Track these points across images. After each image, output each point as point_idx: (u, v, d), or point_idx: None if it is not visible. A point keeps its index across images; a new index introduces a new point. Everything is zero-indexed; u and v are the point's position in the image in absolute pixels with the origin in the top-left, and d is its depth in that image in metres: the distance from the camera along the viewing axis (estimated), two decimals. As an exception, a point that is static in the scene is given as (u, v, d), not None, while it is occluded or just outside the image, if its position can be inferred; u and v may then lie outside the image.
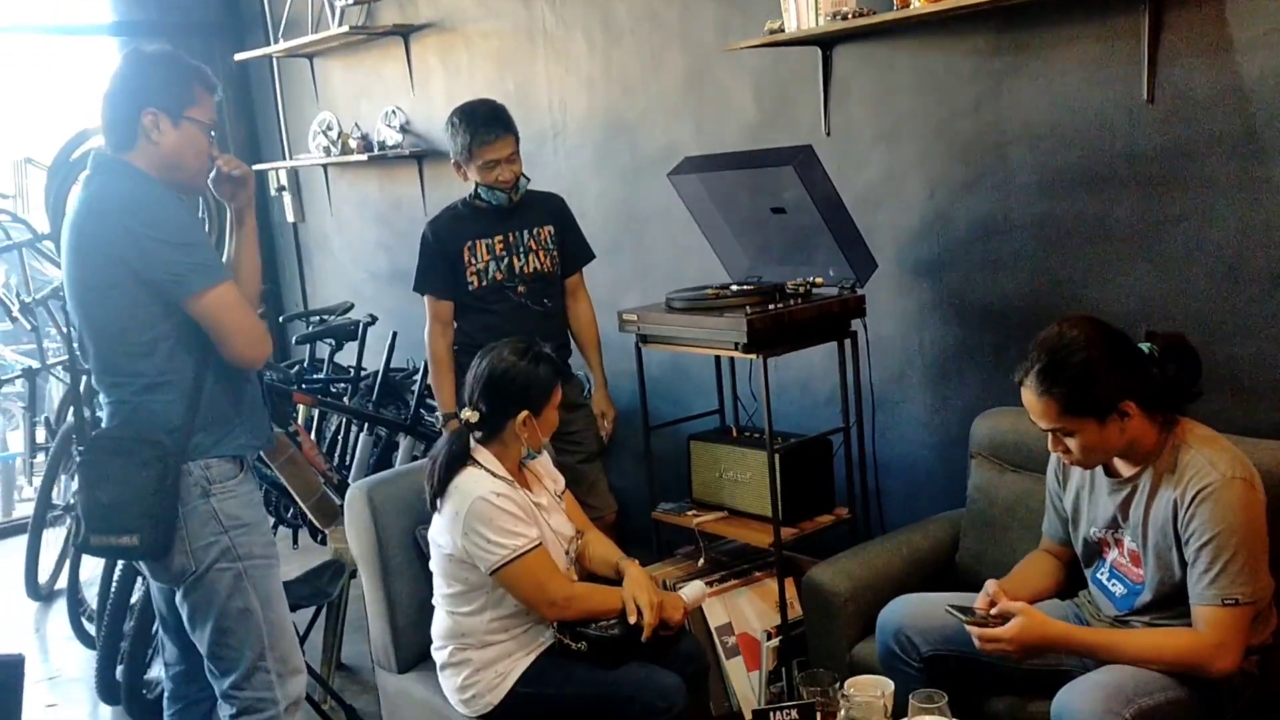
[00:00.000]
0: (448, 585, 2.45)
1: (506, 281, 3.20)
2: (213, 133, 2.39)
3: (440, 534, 2.42)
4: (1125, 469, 2.12)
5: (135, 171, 2.29)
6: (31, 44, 5.76)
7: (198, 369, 2.31)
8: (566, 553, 2.52)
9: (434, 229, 3.25)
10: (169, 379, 2.29)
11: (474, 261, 3.20)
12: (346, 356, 4.58)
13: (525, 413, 2.42)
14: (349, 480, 3.89)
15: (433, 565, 2.49)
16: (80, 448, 2.36)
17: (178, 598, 2.41)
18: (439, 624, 2.50)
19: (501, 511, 2.33)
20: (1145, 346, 2.09)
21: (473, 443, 2.44)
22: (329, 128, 5.17)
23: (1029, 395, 2.06)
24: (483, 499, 2.33)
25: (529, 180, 3.21)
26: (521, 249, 3.21)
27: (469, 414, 2.43)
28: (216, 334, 2.29)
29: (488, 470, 2.40)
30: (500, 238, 3.20)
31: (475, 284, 3.20)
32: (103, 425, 2.36)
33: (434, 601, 2.53)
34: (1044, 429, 2.08)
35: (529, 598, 2.38)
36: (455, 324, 3.26)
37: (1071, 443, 2.06)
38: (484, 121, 3.09)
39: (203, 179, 2.41)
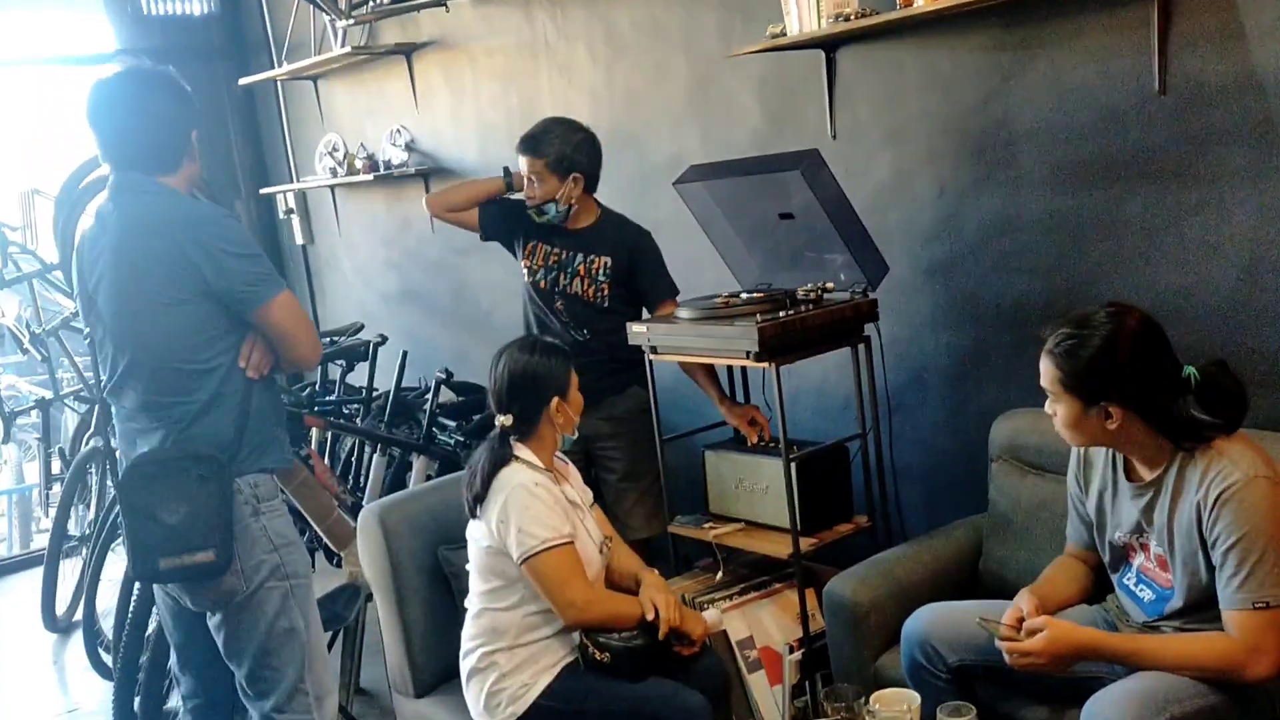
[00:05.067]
0: (484, 582, 2.47)
1: (549, 291, 3.25)
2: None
3: (478, 528, 2.45)
4: (1146, 473, 2.07)
5: (172, 190, 2.31)
6: (35, 75, 5.78)
7: (248, 385, 2.32)
8: (601, 551, 2.54)
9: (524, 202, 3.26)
10: (224, 396, 2.29)
11: (531, 259, 3.27)
12: (358, 377, 4.56)
13: (556, 398, 2.49)
14: (363, 502, 3.87)
15: (470, 565, 2.51)
16: (121, 477, 2.32)
17: (214, 621, 2.37)
18: (471, 627, 2.50)
19: (538, 501, 2.38)
20: (1189, 370, 2.02)
21: (513, 442, 2.50)
22: (335, 149, 5.16)
23: (1044, 350, 2.07)
24: (522, 486, 2.39)
25: (563, 212, 3.15)
26: (570, 270, 3.21)
27: (504, 419, 2.48)
28: (285, 339, 2.33)
29: (527, 464, 2.46)
30: (556, 251, 3.23)
31: (527, 277, 3.30)
32: (144, 450, 2.31)
33: (467, 604, 2.53)
34: (1041, 385, 2.09)
35: (550, 594, 2.38)
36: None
37: (1057, 410, 2.08)
38: (524, 137, 3.15)
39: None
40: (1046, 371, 2.06)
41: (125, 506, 2.28)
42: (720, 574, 3.03)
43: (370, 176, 4.85)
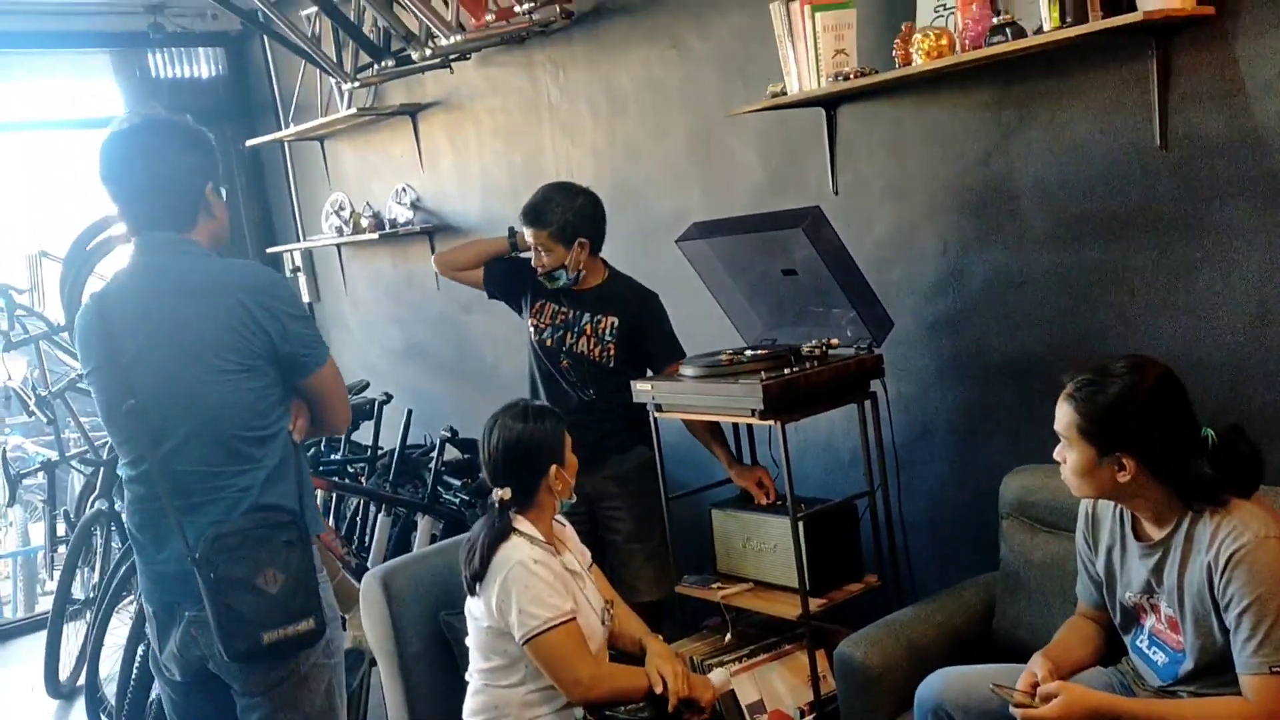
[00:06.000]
0: (485, 660, 2.42)
1: (555, 350, 3.24)
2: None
3: (478, 605, 2.40)
4: (1154, 532, 2.04)
5: (206, 250, 2.19)
6: (43, 139, 5.84)
7: (297, 449, 2.24)
8: (603, 621, 2.48)
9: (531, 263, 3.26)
10: (287, 460, 2.19)
11: (538, 318, 3.28)
12: (363, 435, 4.55)
13: (554, 466, 2.45)
14: (368, 563, 3.84)
15: (469, 641, 2.47)
16: (202, 552, 2.08)
17: (249, 702, 2.19)
18: (472, 702, 2.45)
19: (538, 579, 2.33)
20: (1207, 432, 2.00)
21: (512, 514, 2.45)
22: (341, 208, 5.19)
23: (1063, 394, 2.06)
24: (521, 564, 2.34)
25: (574, 278, 3.17)
26: (576, 329, 3.22)
27: (501, 493, 2.43)
28: (328, 403, 2.27)
29: (527, 537, 2.41)
30: (564, 311, 3.23)
31: (534, 335, 3.29)
32: (193, 526, 2.11)
33: (467, 677, 2.48)
34: (1055, 429, 2.08)
35: (555, 674, 2.33)
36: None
37: (1068, 457, 2.05)
38: (525, 209, 3.16)
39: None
40: (1063, 415, 2.04)
41: (215, 583, 2.06)
42: (729, 635, 2.98)
43: (376, 235, 4.87)
